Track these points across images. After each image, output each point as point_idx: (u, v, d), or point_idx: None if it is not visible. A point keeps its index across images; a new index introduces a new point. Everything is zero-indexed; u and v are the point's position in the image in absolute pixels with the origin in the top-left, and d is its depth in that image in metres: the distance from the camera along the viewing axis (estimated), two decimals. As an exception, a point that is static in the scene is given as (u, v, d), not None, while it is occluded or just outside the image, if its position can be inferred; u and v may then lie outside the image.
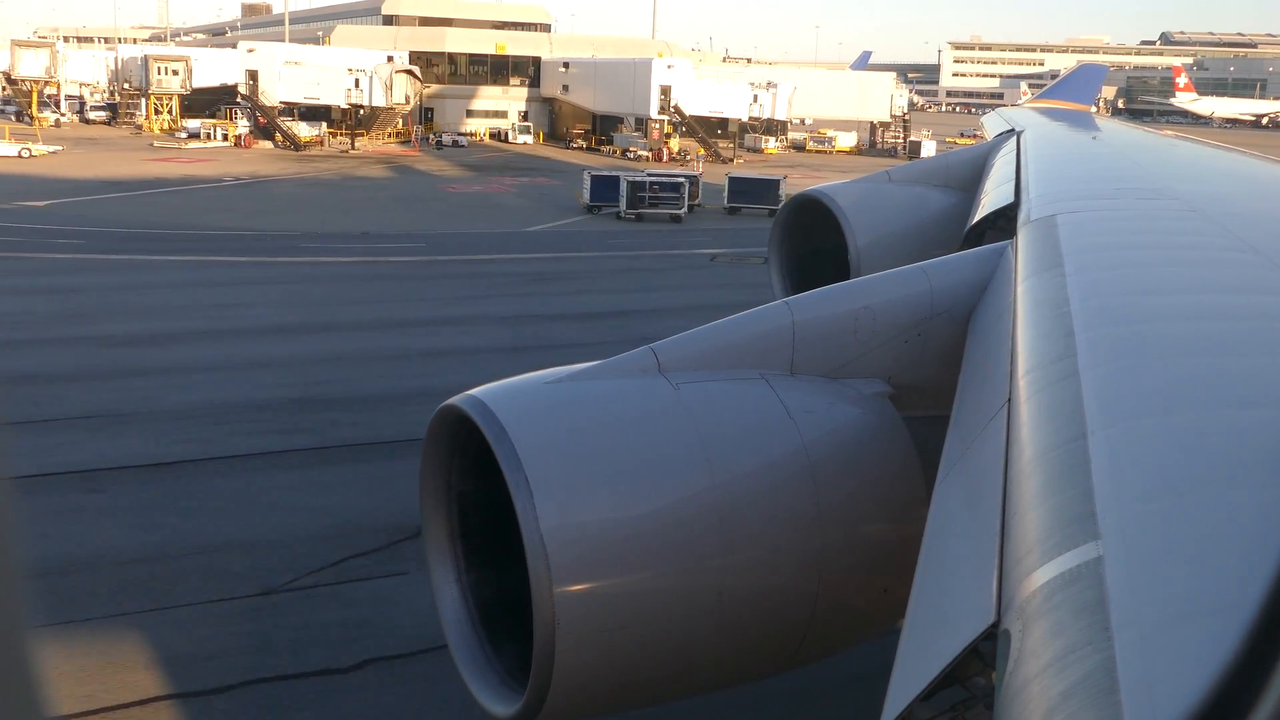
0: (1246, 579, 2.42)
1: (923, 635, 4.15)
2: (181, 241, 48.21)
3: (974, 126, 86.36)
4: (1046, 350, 5.52)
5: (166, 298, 35.84)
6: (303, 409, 24.12)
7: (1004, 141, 17.67)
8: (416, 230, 53.54)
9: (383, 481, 19.66)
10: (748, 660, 7.01)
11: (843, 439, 7.11)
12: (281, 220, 55.37)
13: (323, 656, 14.21)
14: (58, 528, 17.27)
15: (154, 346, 29.11)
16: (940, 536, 4.86)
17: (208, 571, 16.28)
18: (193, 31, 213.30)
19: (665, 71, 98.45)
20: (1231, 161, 16.39)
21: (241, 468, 20.61)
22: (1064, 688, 2.83)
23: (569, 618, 5.94)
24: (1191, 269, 7.24)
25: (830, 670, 9.38)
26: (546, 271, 43.63)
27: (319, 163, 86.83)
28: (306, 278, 40.67)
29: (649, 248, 51.27)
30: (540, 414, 6.49)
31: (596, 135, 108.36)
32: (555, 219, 59.11)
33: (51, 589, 15.17)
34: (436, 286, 39.79)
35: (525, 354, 27.52)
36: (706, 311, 9.39)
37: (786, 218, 16.72)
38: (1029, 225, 9.06)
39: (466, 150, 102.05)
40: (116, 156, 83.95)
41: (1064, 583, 3.31)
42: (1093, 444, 4.14)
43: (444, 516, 7.17)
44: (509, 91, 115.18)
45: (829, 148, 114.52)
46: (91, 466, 20.30)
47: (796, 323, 7.39)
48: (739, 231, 55.12)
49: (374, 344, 30.20)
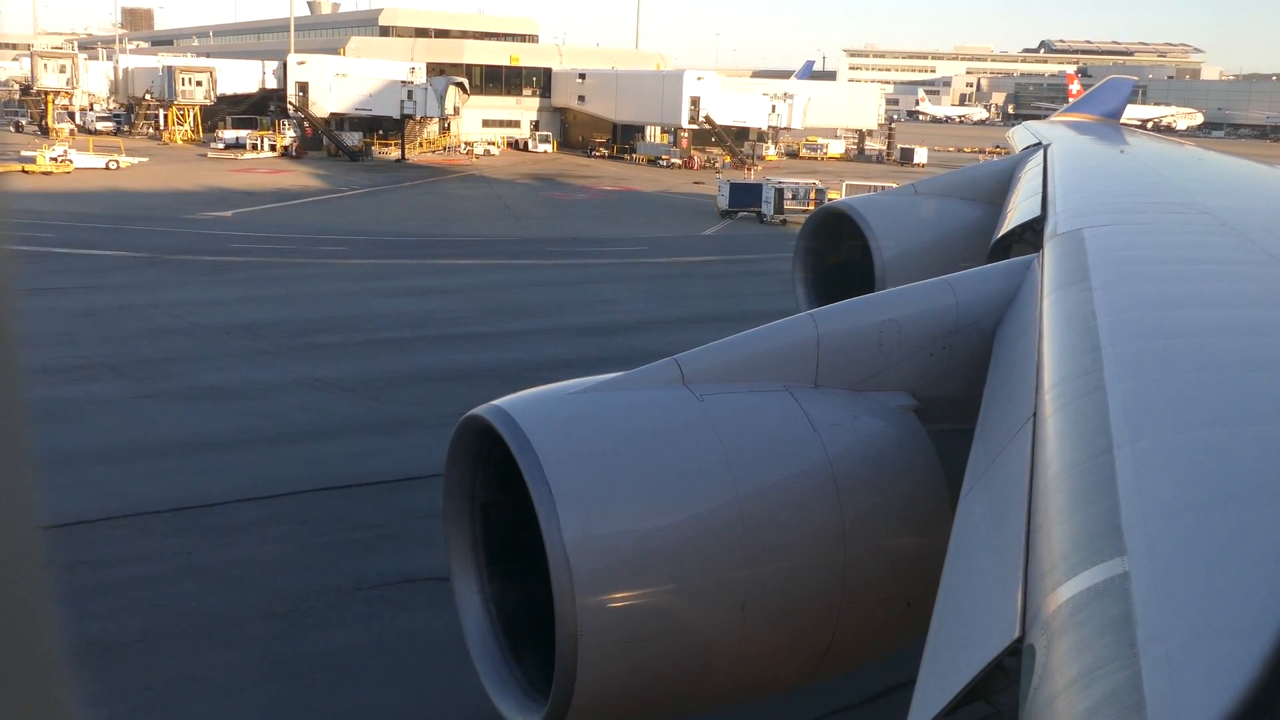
0: (1273, 595, 2.46)
1: (946, 650, 4.12)
2: (435, 247, 52.59)
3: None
4: (1073, 364, 5.49)
5: (544, 296, 40.81)
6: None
7: (1031, 154, 17.65)
8: (608, 235, 58.68)
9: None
10: (770, 673, 7.03)
11: (867, 452, 7.08)
12: (469, 227, 59.79)
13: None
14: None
15: (631, 334, 34.32)
16: (965, 550, 4.84)
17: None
18: (73, 38, 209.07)
19: (696, 83, 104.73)
20: (1262, 175, 16.33)
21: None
22: (1089, 704, 2.81)
23: (591, 629, 5.96)
24: (1219, 283, 7.17)
25: (853, 684, 9.29)
26: (770, 270, 49.47)
27: (386, 171, 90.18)
28: (611, 278, 45.74)
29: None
30: (564, 425, 6.53)
31: (618, 144, 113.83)
32: (707, 223, 64.76)
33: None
34: (713, 285, 45.43)
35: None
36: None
37: (812, 229, 16.76)
38: (1056, 239, 9.00)
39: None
40: (193, 168, 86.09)
41: (1089, 598, 3.30)
42: (1119, 458, 4.11)
43: (468, 526, 7.22)
44: (522, 102, 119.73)
45: (820, 154, 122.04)
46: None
47: (821, 335, 7.42)
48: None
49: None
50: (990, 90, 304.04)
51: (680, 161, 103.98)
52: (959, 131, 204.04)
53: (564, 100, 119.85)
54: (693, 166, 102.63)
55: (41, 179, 74.20)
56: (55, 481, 19.82)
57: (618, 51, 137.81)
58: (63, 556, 17.50)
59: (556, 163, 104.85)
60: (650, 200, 76.06)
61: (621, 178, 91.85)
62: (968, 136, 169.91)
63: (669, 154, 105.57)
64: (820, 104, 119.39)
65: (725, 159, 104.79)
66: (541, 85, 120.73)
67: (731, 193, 66.92)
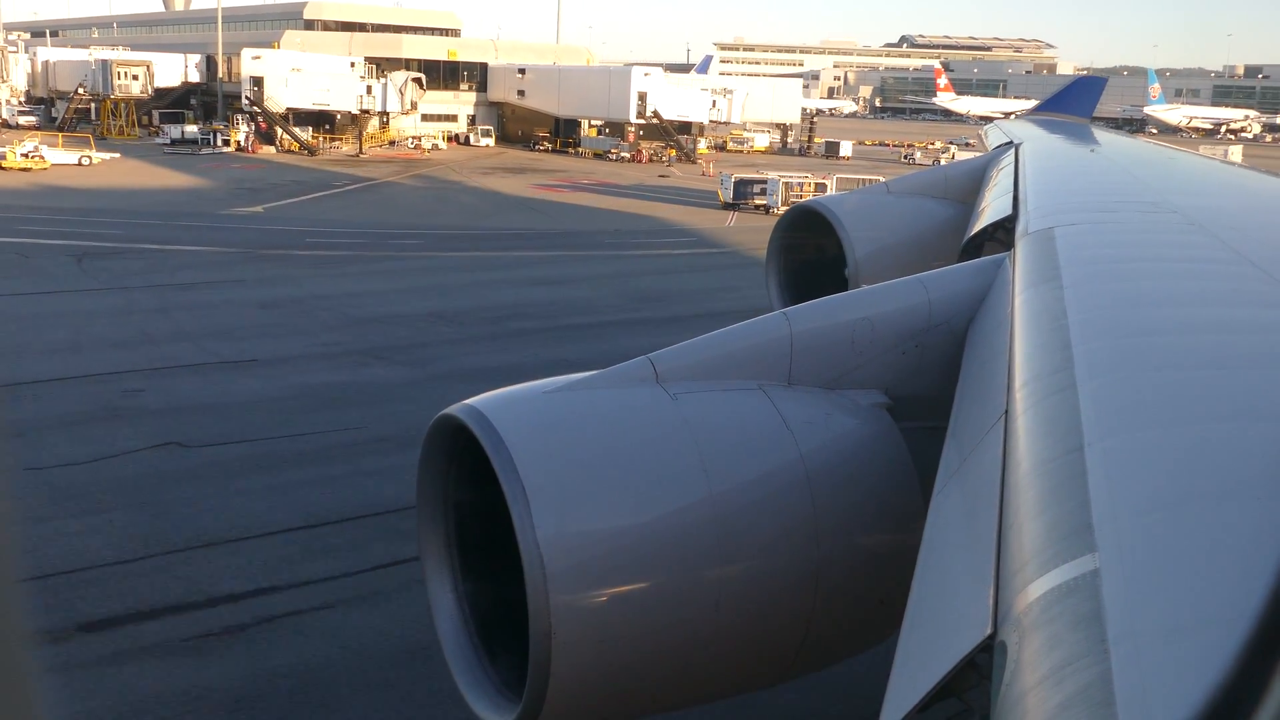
0: (1243, 591, 2.40)
1: (919, 647, 4.14)
2: (497, 240, 54.85)
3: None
4: (1044, 362, 5.54)
5: (665, 284, 43.75)
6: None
7: (1003, 153, 17.69)
8: (642, 228, 61.65)
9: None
10: (744, 671, 7.07)
11: (840, 450, 7.12)
12: (506, 220, 61.84)
13: None
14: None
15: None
16: (937, 548, 4.87)
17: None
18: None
19: (643, 79, 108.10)
20: (1231, 175, 16.39)
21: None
22: (1060, 700, 2.83)
23: (565, 628, 5.98)
24: (1189, 282, 7.23)
25: (826, 682, 9.39)
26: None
27: (354, 165, 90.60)
28: (698, 267, 48.73)
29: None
30: (538, 424, 6.54)
31: (560, 138, 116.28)
32: (718, 215, 68.06)
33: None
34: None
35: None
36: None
37: (785, 228, 16.77)
38: (1027, 237, 9.06)
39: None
40: (166, 164, 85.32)
41: (1060, 595, 3.33)
42: (1090, 456, 4.15)
43: (441, 526, 7.21)
44: (459, 96, 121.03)
45: (746, 148, 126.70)
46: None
47: (794, 333, 7.44)
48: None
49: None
50: (857, 84, 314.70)
51: (629, 155, 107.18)
52: (850, 125, 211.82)
53: (501, 95, 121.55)
54: (641, 160, 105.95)
55: (21, 175, 73.13)
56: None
57: (551, 47, 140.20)
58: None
59: (506, 157, 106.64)
60: (636, 193, 79.04)
61: (586, 171, 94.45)
62: (873, 131, 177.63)
63: (617, 148, 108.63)
64: (749, 99, 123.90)
65: (670, 153, 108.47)
66: (478, 80, 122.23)
67: (735, 186, 70.95)
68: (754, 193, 70.86)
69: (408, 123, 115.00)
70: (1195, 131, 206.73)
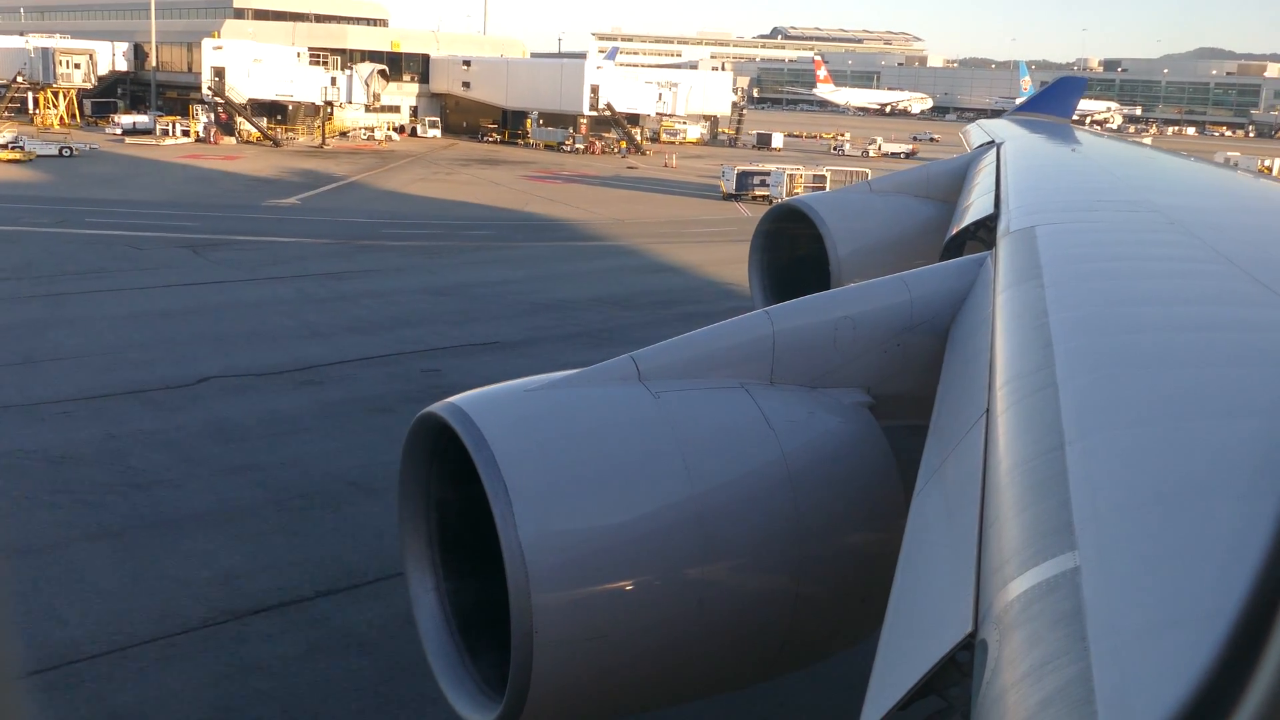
0: (1222, 589, 2.40)
1: (900, 644, 4.15)
2: (554, 230, 57.25)
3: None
4: (1025, 361, 5.55)
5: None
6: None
7: (984, 153, 17.75)
8: (675, 216, 64.83)
9: None
10: (726, 669, 7.09)
11: (822, 448, 7.15)
12: (547, 210, 64.26)
13: None
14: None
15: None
16: (918, 546, 4.88)
17: None
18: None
19: (596, 72, 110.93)
20: (1210, 175, 16.57)
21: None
22: (1041, 697, 2.84)
23: (547, 626, 5.98)
24: (1169, 281, 7.26)
25: (808, 680, 9.60)
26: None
27: (327, 157, 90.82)
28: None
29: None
30: (520, 422, 6.56)
31: (509, 129, 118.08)
32: (727, 205, 71.67)
33: None
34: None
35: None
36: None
37: (767, 227, 16.77)
38: (1008, 236, 9.09)
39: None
40: (144, 154, 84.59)
41: (1041, 593, 3.33)
42: (1070, 454, 4.17)
43: (423, 524, 7.24)
44: (403, 87, 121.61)
45: (678, 139, 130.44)
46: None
47: (777, 332, 7.50)
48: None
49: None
50: (735, 74, 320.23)
51: (582, 147, 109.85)
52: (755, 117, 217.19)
53: (445, 86, 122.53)
54: (594, 151, 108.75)
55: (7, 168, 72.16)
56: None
57: (492, 39, 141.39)
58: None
59: (462, 148, 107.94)
60: (628, 185, 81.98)
61: (553, 163, 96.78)
62: (770, 124, 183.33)
63: (571, 139, 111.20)
64: (683, 91, 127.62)
65: (621, 144, 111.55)
66: (419, 71, 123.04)
67: (738, 178, 74.99)
68: (756, 184, 74.82)
69: (352, 115, 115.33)
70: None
